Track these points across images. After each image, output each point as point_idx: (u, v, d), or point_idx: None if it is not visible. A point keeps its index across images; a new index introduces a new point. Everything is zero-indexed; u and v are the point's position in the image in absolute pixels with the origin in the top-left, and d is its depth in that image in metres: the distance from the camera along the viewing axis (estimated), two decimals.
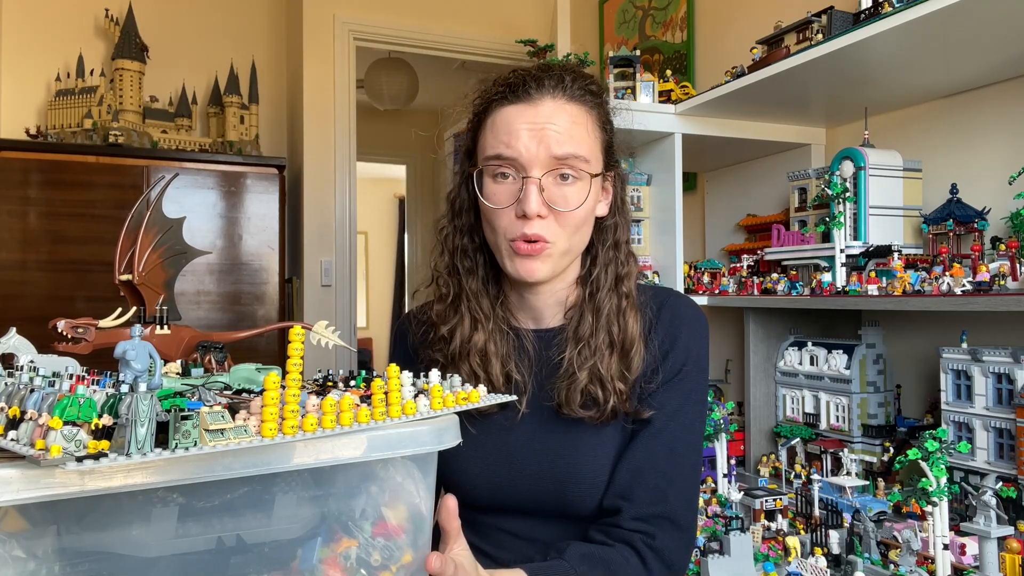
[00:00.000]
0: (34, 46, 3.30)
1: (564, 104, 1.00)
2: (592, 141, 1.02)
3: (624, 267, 1.08)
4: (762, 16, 2.24)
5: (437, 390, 0.73)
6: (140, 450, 0.52)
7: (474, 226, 1.08)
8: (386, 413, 0.67)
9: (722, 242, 2.47)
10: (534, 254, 0.99)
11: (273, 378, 0.59)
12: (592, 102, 1.03)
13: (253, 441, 0.57)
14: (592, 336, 1.03)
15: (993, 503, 1.25)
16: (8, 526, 0.56)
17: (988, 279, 1.33)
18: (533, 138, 0.97)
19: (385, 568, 0.70)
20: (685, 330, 1.05)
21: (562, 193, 0.99)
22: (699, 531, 1.49)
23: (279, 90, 3.82)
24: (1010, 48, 1.48)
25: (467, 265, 1.09)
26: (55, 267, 2.97)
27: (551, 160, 0.97)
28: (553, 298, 1.09)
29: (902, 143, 1.84)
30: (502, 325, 1.08)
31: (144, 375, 0.63)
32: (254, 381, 0.77)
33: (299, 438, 0.60)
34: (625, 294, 1.06)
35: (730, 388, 2.34)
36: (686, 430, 1.03)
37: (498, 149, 0.99)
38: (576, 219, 1.00)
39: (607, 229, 1.09)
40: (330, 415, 0.62)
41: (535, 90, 0.99)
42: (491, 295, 1.09)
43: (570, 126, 0.99)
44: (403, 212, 6.88)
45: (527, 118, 0.98)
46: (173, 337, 0.78)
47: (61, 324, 0.70)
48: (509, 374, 1.05)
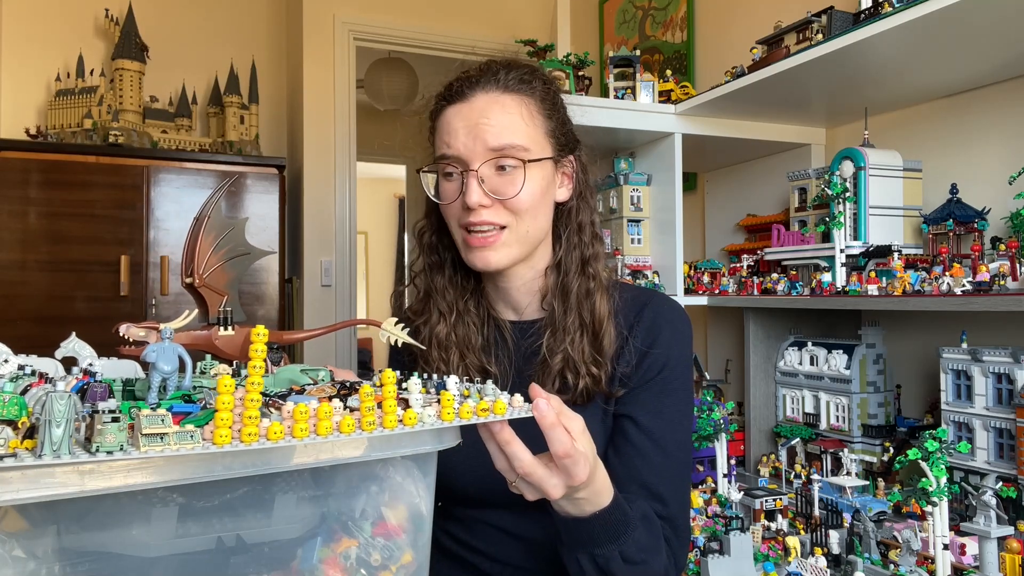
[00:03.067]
0: (34, 46, 3.30)
1: (498, 96, 1.02)
2: (531, 128, 1.03)
3: (589, 249, 1.09)
4: (762, 16, 2.24)
5: (448, 399, 0.68)
6: (55, 452, 0.50)
7: (442, 224, 1.11)
8: (377, 423, 0.62)
9: (722, 242, 2.47)
10: (487, 244, 1.03)
11: (226, 381, 0.56)
12: (527, 90, 1.04)
13: (196, 448, 0.54)
14: (563, 320, 1.05)
15: (993, 503, 1.25)
16: (8, 526, 0.55)
17: (988, 279, 1.33)
18: (469, 134, 1.01)
19: (385, 568, 0.70)
20: (667, 330, 1.06)
21: (502, 181, 1.01)
22: (699, 531, 1.49)
23: (279, 90, 3.82)
24: (1010, 48, 1.48)
25: (434, 260, 1.14)
26: (55, 267, 2.97)
27: (488, 152, 1.01)
28: (526, 287, 1.10)
29: (902, 143, 1.84)
30: (474, 318, 1.11)
31: (173, 377, 0.63)
32: (298, 383, 0.76)
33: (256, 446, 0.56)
34: (592, 275, 1.07)
35: (730, 388, 2.34)
36: (674, 429, 1.03)
37: (441, 149, 1.04)
38: (521, 205, 1.02)
39: (569, 213, 1.11)
40: (301, 423, 0.58)
41: (468, 88, 1.03)
42: (460, 288, 1.13)
43: (504, 116, 1.01)
44: (403, 212, 6.88)
45: (463, 116, 1.02)
46: (235, 338, 0.78)
47: (123, 328, 0.70)
48: (484, 367, 1.08)
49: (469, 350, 1.08)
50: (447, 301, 1.11)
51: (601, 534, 0.84)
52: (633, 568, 0.87)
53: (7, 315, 2.88)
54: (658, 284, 2.03)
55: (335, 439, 0.60)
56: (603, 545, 0.85)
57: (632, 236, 2.12)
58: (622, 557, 0.86)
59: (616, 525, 0.85)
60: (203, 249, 0.80)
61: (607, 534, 0.84)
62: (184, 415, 0.59)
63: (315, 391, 0.70)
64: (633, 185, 2.11)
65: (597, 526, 0.84)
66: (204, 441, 0.55)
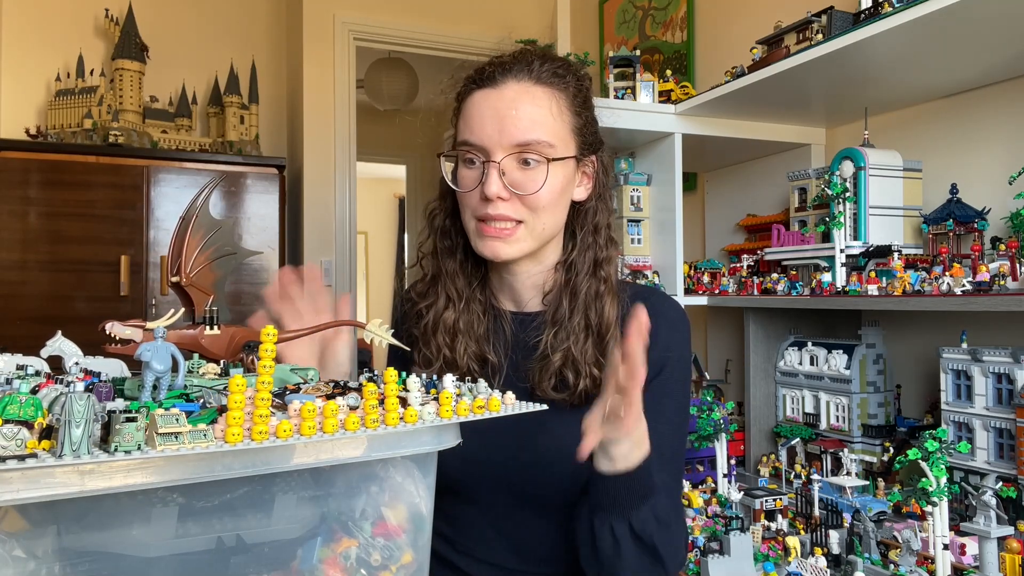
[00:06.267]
0: (34, 46, 3.30)
1: (529, 87, 1.01)
2: (559, 124, 1.02)
3: (603, 252, 1.08)
4: (762, 16, 2.24)
5: (446, 397, 0.69)
6: (75, 452, 0.50)
7: (455, 208, 1.10)
8: (380, 421, 0.63)
9: (722, 242, 2.47)
10: (500, 236, 1.01)
11: (238, 380, 0.57)
12: (560, 85, 1.03)
13: (210, 447, 0.54)
14: (568, 319, 1.04)
15: (993, 503, 1.25)
16: (8, 526, 0.55)
17: (988, 279, 1.33)
18: (495, 123, 0.99)
19: (385, 568, 0.70)
20: (665, 329, 1.05)
21: (524, 176, 1.00)
22: (699, 531, 1.49)
23: (279, 90, 3.82)
24: (1010, 48, 1.48)
25: (447, 244, 1.12)
26: (55, 267, 2.96)
27: (513, 145, 0.99)
28: (531, 280, 1.10)
29: (902, 143, 1.84)
30: (479, 306, 1.10)
31: (166, 376, 0.63)
32: (287, 382, 0.76)
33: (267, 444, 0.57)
34: (603, 278, 1.06)
35: (730, 388, 2.34)
36: (672, 431, 1.03)
37: (464, 135, 1.02)
38: (539, 201, 1.01)
39: (586, 213, 1.10)
40: (309, 421, 0.59)
41: (500, 75, 1.01)
42: (469, 275, 1.12)
43: (533, 109, 1.00)
44: (403, 212, 6.87)
45: (491, 103, 1.00)
46: (222, 337, 0.78)
47: (110, 326, 0.70)
48: (484, 355, 1.07)
49: (472, 338, 1.08)
50: (457, 287, 1.10)
51: (637, 489, 0.87)
52: (665, 532, 0.90)
53: (7, 315, 2.88)
54: (658, 284, 2.03)
55: (340, 437, 0.61)
56: (638, 505, 0.88)
57: (632, 236, 2.12)
58: (655, 517, 0.88)
59: (648, 483, 0.88)
60: (190, 248, 0.81)
61: (642, 490, 0.87)
62: (186, 414, 0.59)
63: (311, 390, 0.70)
64: (633, 185, 2.11)
65: (635, 482, 0.87)
66: (216, 440, 0.55)
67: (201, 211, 0.84)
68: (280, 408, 0.63)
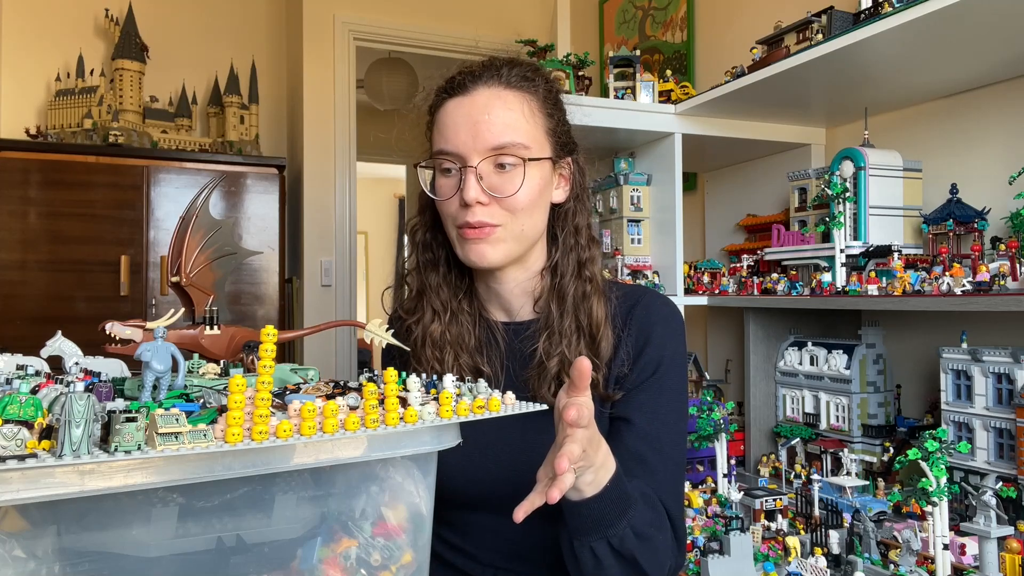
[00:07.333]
0: (34, 46, 3.30)
1: (500, 91, 1.02)
2: (532, 126, 1.03)
3: (586, 252, 1.09)
4: (762, 16, 2.24)
5: (446, 397, 0.69)
6: (75, 452, 0.50)
7: (436, 221, 1.10)
8: (380, 421, 0.63)
9: (722, 242, 2.47)
10: (481, 237, 1.01)
11: (238, 380, 0.57)
12: (530, 88, 1.04)
13: (210, 447, 0.54)
14: (559, 323, 1.04)
15: (993, 503, 1.25)
16: (8, 526, 0.55)
17: (988, 279, 1.33)
18: (469, 129, 1.00)
19: (385, 568, 0.70)
20: (659, 327, 1.06)
21: (501, 180, 1.00)
22: (699, 531, 1.49)
23: (279, 90, 3.82)
24: (1010, 48, 1.48)
25: (428, 258, 1.12)
26: (55, 267, 2.97)
27: (488, 149, 0.99)
28: (519, 288, 1.10)
29: (902, 143, 1.84)
30: (468, 318, 1.10)
31: (166, 376, 0.63)
32: (287, 382, 0.76)
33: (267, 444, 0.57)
34: (589, 279, 1.07)
35: (730, 388, 2.34)
36: (670, 429, 1.03)
37: (439, 144, 1.03)
38: (518, 204, 1.01)
39: (566, 215, 1.10)
40: (309, 421, 0.59)
41: (470, 82, 1.02)
42: (454, 287, 1.12)
43: (506, 113, 1.00)
44: (403, 212, 6.88)
45: (464, 110, 1.01)
46: (222, 337, 0.78)
47: (110, 326, 0.70)
48: (477, 367, 1.07)
49: (463, 349, 1.08)
50: (441, 299, 1.10)
51: (611, 510, 0.85)
52: (646, 544, 0.88)
53: (7, 315, 2.88)
54: (658, 284, 2.03)
55: (340, 437, 0.61)
56: (614, 523, 0.85)
57: (632, 236, 2.12)
58: (634, 532, 0.86)
59: (622, 499, 0.86)
60: (190, 248, 0.81)
61: (617, 509, 0.85)
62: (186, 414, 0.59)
63: (311, 390, 0.70)
64: (633, 185, 2.11)
65: (607, 502, 0.84)
66: (216, 440, 0.55)
67: (201, 211, 0.84)
68: (280, 408, 0.63)
